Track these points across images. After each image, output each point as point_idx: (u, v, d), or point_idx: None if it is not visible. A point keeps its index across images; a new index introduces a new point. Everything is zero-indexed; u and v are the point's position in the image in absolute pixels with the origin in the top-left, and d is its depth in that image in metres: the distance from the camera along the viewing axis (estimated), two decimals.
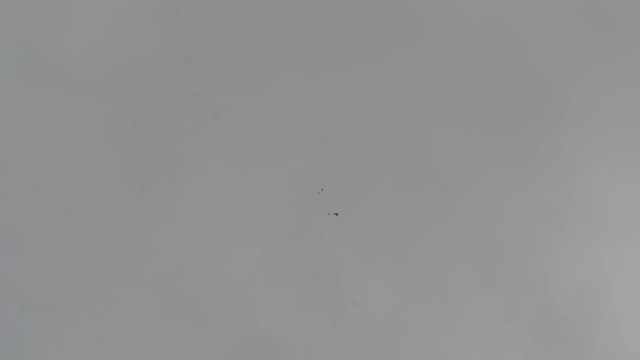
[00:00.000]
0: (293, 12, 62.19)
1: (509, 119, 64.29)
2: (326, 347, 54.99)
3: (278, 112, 59.26)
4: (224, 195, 64.07)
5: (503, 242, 62.99)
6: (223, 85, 60.49)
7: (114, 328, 55.24)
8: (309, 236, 66.10)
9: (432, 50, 68.79)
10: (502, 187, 62.93)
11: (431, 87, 68.90)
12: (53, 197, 57.50)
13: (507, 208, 64.07)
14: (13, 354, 66.58)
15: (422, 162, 66.50)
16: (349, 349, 55.40)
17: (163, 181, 62.05)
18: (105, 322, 54.93)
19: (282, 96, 60.50)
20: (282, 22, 60.79)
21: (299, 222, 66.13)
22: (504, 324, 60.03)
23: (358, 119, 61.48)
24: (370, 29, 66.78)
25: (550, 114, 63.94)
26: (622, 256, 68.51)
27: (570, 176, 63.99)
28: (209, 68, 62.25)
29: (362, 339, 55.92)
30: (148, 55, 59.77)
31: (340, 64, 63.54)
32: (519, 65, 63.75)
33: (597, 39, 62.76)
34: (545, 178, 64.24)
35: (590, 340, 59.03)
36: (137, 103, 62.51)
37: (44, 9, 59.24)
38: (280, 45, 61.35)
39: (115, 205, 61.92)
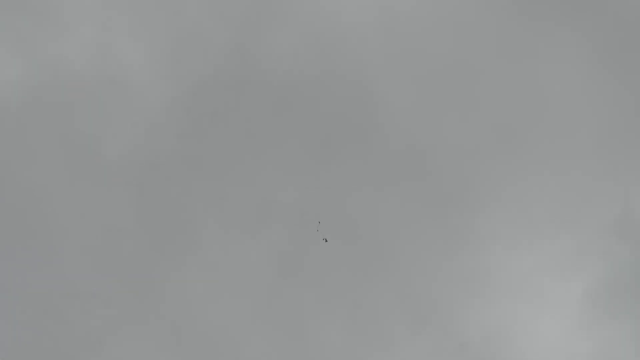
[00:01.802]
0: (276, 115, 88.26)
1: (436, 209, 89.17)
2: None
3: (262, 198, 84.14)
4: (220, 265, 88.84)
5: (429, 299, 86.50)
6: (221, 179, 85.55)
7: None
8: (285, 297, 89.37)
9: (383, 158, 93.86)
10: (429, 258, 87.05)
11: (381, 182, 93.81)
12: (100, 259, 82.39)
13: (433, 273, 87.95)
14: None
15: (371, 239, 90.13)
16: None
17: (178, 254, 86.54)
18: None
19: (265, 185, 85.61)
20: (268, 121, 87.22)
21: (277, 285, 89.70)
22: None
23: (323, 205, 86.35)
24: (338, 138, 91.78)
25: (467, 205, 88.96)
26: (519, 310, 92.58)
27: (480, 250, 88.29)
28: (208, 166, 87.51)
29: None
30: (163, 162, 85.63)
31: (312, 162, 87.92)
32: (445, 171, 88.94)
33: (501, 154, 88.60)
34: (462, 251, 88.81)
35: None
36: (159, 197, 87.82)
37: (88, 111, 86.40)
38: (264, 146, 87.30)
39: (141, 274, 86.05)
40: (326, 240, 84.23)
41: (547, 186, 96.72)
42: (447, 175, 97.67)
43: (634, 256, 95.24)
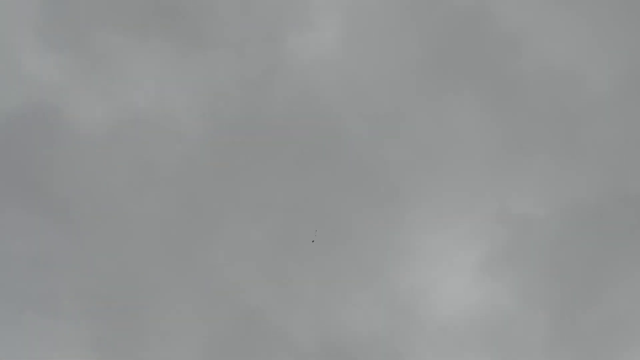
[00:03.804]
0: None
1: (380, 206, 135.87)
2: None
3: (264, 198, 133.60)
4: (235, 242, 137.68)
5: (374, 265, 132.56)
6: (237, 186, 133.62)
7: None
8: (278, 263, 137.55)
9: (344, 171, 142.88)
10: (375, 238, 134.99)
11: (344, 189, 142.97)
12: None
13: (377, 248, 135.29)
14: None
15: (337, 226, 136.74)
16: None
17: (208, 235, 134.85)
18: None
19: (266, 190, 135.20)
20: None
21: (273, 256, 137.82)
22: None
23: (304, 203, 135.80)
24: (316, 158, 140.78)
25: (400, 203, 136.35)
26: (433, 273, 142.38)
27: (408, 232, 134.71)
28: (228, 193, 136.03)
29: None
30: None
31: (298, 175, 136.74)
32: (387, 180, 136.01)
33: (423, 169, 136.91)
34: (396, 232, 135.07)
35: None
36: (196, 198, 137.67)
37: None
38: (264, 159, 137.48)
39: (184, 247, 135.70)
40: (313, 241, 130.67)
41: (452, 190, 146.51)
42: (388, 183, 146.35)
43: (508, 237, 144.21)
